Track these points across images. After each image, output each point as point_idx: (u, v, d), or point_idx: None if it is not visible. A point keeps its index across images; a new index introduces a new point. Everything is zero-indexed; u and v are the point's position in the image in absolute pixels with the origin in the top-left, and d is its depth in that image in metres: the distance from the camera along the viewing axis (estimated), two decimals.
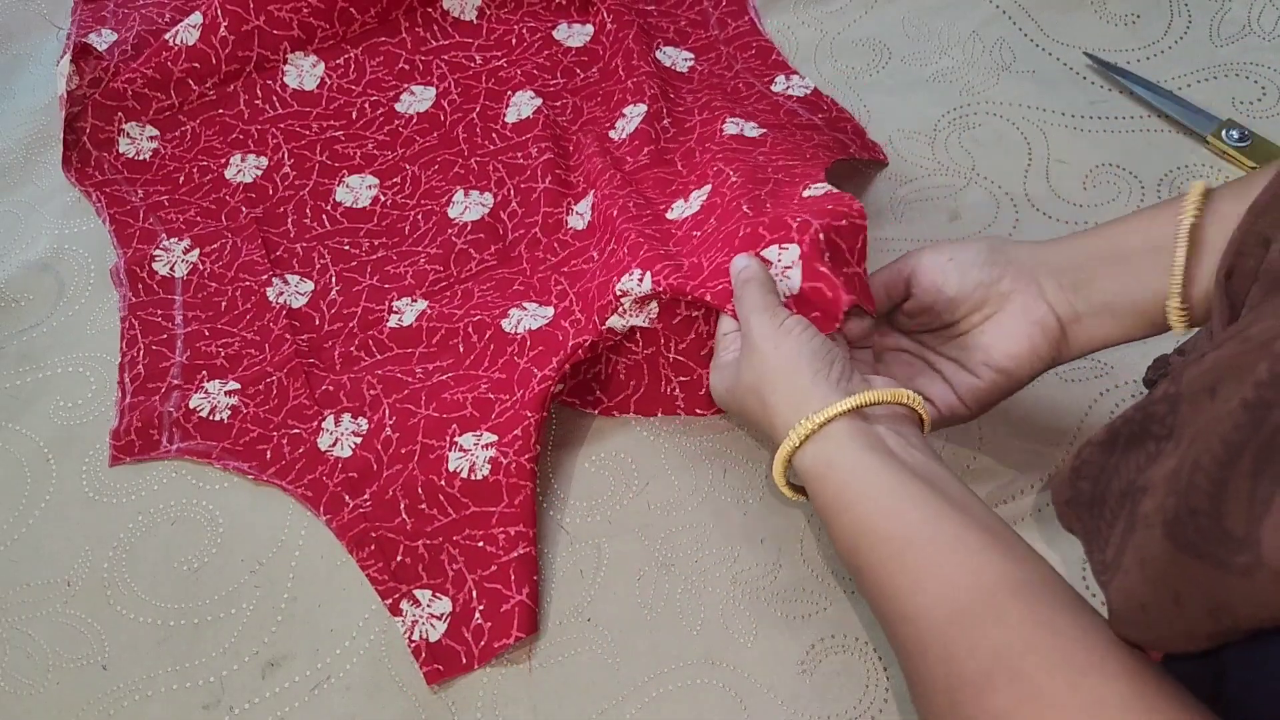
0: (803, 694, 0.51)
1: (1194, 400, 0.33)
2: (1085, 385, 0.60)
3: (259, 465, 0.59)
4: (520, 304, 0.62)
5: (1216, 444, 0.30)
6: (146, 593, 0.56)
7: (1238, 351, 0.31)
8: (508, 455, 0.56)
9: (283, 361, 0.62)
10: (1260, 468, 0.28)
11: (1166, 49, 0.74)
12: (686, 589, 0.54)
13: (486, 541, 0.55)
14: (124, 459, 0.60)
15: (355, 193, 0.71)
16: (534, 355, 0.59)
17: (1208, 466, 0.30)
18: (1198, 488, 0.31)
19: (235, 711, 0.52)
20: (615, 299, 0.57)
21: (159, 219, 0.71)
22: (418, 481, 0.57)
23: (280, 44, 0.77)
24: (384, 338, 0.63)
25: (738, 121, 0.68)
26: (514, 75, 0.76)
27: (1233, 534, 0.29)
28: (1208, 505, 0.30)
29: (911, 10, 0.79)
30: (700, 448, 0.59)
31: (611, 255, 0.61)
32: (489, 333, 0.61)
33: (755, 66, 0.76)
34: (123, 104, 0.75)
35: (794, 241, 0.52)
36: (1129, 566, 0.34)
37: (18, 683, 0.53)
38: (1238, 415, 0.30)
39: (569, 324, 0.60)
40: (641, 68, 0.73)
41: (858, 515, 0.42)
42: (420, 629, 0.53)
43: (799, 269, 0.52)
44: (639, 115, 0.70)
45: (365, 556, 0.55)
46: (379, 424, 0.60)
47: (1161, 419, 0.35)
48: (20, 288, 0.68)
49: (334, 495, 0.57)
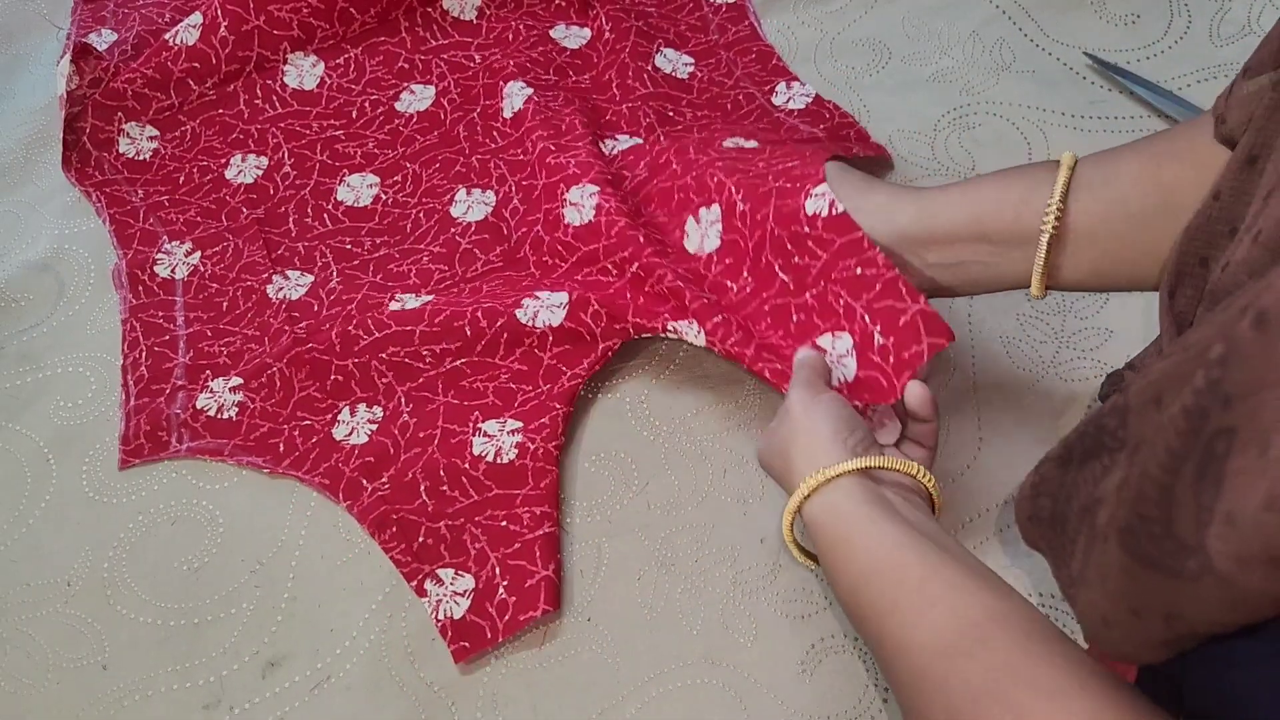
0: (803, 694, 0.51)
1: (1141, 411, 0.34)
2: (1085, 385, 0.60)
3: (273, 459, 0.59)
4: (532, 293, 0.62)
5: (1162, 452, 0.31)
6: (147, 593, 0.56)
7: (1180, 361, 0.32)
8: (535, 441, 0.57)
9: (281, 352, 0.62)
10: (1201, 475, 0.29)
11: (1166, 49, 0.74)
12: (686, 589, 0.54)
13: (510, 520, 0.55)
14: (133, 462, 0.60)
15: (356, 191, 0.71)
16: (559, 353, 0.61)
17: (1155, 475, 0.31)
18: (1147, 497, 0.31)
19: (235, 711, 0.52)
20: (663, 328, 0.59)
21: (159, 219, 0.71)
22: (439, 464, 0.57)
23: (280, 44, 0.77)
24: (384, 316, 0.63)
25: (737, 141, 0.68)
26: (507, 66, 0.76)
27: (1183, 541, 0.30)
28: (1157, 513, 0.31)
29: (911, 10, 0.79)
30: (700, 448, 0.59)
31: (640, 280, 0.61)
32: (500, 320, 0.61)
33: (755, 73, 0.76)
34: (123, 104, 0.75)
35: (845, 330, 0.54)
36: (1092, 580, 0.35)
37: (18, 683, 0.53)
38: (1179, 423, 0.30)
39: (590, 318, 0.60)
40: (637, 89, 0.73)
41: (859, 559, 0.43)
42: (445, 607, 0.53)
43: (853, 358, 0.54)
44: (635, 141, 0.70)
45: (388, 539, 0.56)
46: (395, 410, 0.60)
47: (1113, 431, 0.36)
48: (20, 288, 0.68)
49: (351, 481, 0.58)
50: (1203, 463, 0.29)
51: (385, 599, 0.55)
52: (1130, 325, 0.62)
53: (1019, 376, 0.61)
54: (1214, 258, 0.41)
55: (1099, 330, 0.62)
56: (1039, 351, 0.62)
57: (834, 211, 0.55)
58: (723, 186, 0.61)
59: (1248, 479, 0.27)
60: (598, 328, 0.60)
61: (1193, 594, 0.30)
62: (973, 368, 0.61)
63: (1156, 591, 0.31)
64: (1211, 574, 0.29)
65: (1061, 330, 0.62)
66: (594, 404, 0.61)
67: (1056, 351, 0.61)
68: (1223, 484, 0.28)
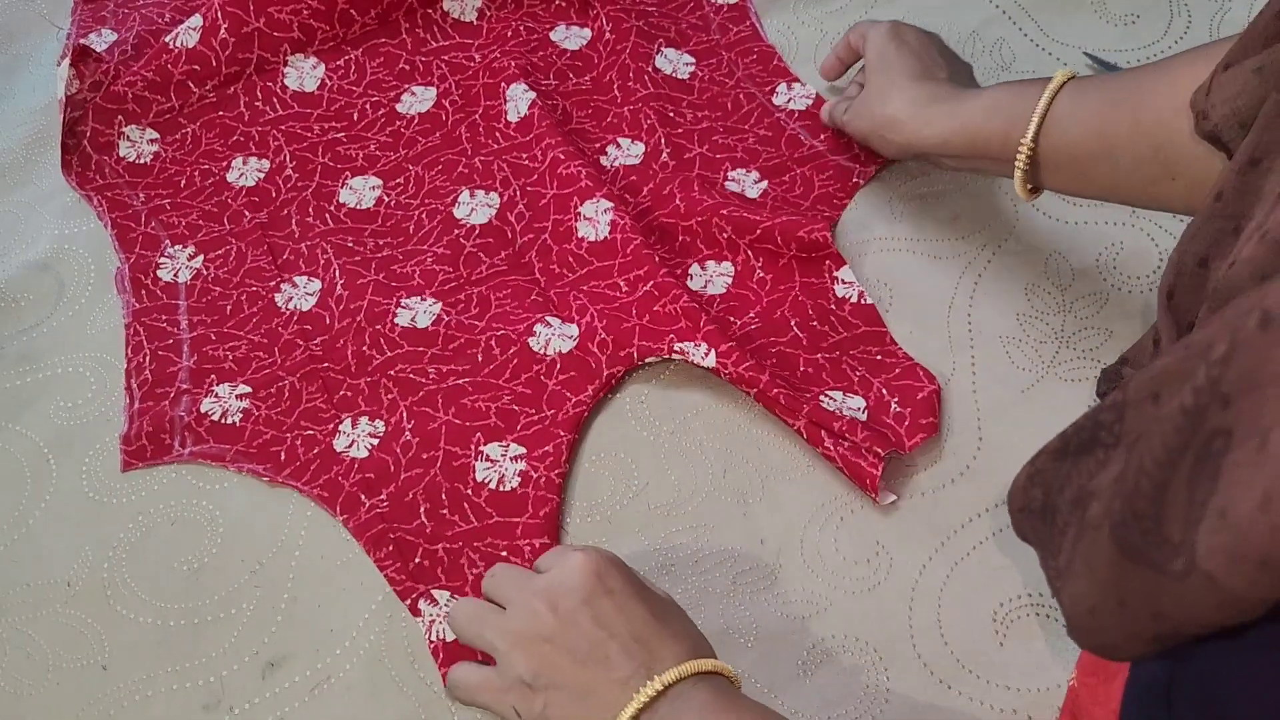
0: (803, 694, 0.51)
1: (1138, 406, 0.34)
2: (1085, 385, 0.60)
3: (274, 467, 0.59)
4: (543, 318, 0.62)
5: (1158, 448, 0.31)
6: (146, 593, 0.56)
7: (1181, 358, 0.32)
8: (538, 470, 0.57)
9: (295, 366, 0.63)
10: (1197, 472, 0.29)
11: (1166, 49, 0.74)
12: (686, 589, 0.54)
13: (511, 551, 0.55)
14: (136, 464, 0.60)
15: (359, 194, 0.71)
16: (565, 379, 0.61)
17: (1150, 470, 0.31)
18: (1141, 492, 0.31)
19: (235, 711, 0.52)
20: (669, 350, 0.60)
21: (161, 223, 0.71)
22: (441, 487, 0.57)
23: (280, 46, 0.77)
24: (395, 335, 0.63)
25: (738, 178, 0.69)
26: (507, 66, 0.76)
27: (1170, 539, 0.30)
28: (1149, 509, 0.31)
29: (911, 10, 0.79)
30: (700, 448, 0.59)
31: (651, 298, 0.62)
32: (513, 348, 0.62)
33: (756, 74, 0.76)
34: (123, 107, 0.75)
35: (858, 394, 0.59)
36: (1079, 571, 0.35)
37: (18, 683, 0.53)
38: (1177, 419, 0.30)
39: (596, 346, 0.61)
40: (638, 91, 0.73)
41: None
42: (438, 629, 0.53)
43: (864, 414, 0.58)
44: (638, 154, 0.71)
45: (383, 556, 0.55)
46: (397, 427, 0.60)
47: (1109, 426, 0.36)
48: (20, 288, 0.68)
49: (350, 495, 0.58)
50: (1199, 459, 0.29)
51: (385, 599, 0.55)
52: (1130, 325, 0.62)
53: (1019, 376, 0.61)
54: (1215, 257, 0.41)
55: (1099, 330, 0.62)
56: (1039, 351, 0.62)
57: (863, 301, 0.63)
58: (736, 246, 0.65)
59: (1244, 474, 0.27)
60: (604, 355, 0.61)
61: (1178, 592, 0.30)
62: (973, 368, 0.61)
63: (1142, 586, 0.31)
64: (1197, 573, 0.29)
65: (1061, 330, 0.62)
66: (594, 404, 0.61)
67: (1056, 351, 0.61)
68: (1218, 479, 0.28)
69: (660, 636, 0.45)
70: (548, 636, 0.45)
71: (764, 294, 0.63)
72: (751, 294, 0.63)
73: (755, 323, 0.62)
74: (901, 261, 0.66)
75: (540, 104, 0.72)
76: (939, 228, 0.67)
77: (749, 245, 0.65)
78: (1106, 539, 0.33)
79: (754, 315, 0.62)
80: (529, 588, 0.47)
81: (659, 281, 0.62)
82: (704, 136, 0.72)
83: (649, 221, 0.67)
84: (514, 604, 0.47)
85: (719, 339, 0.59)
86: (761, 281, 0.63)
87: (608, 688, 0.44)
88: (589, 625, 0.45)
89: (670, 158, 0.70)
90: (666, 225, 0.67)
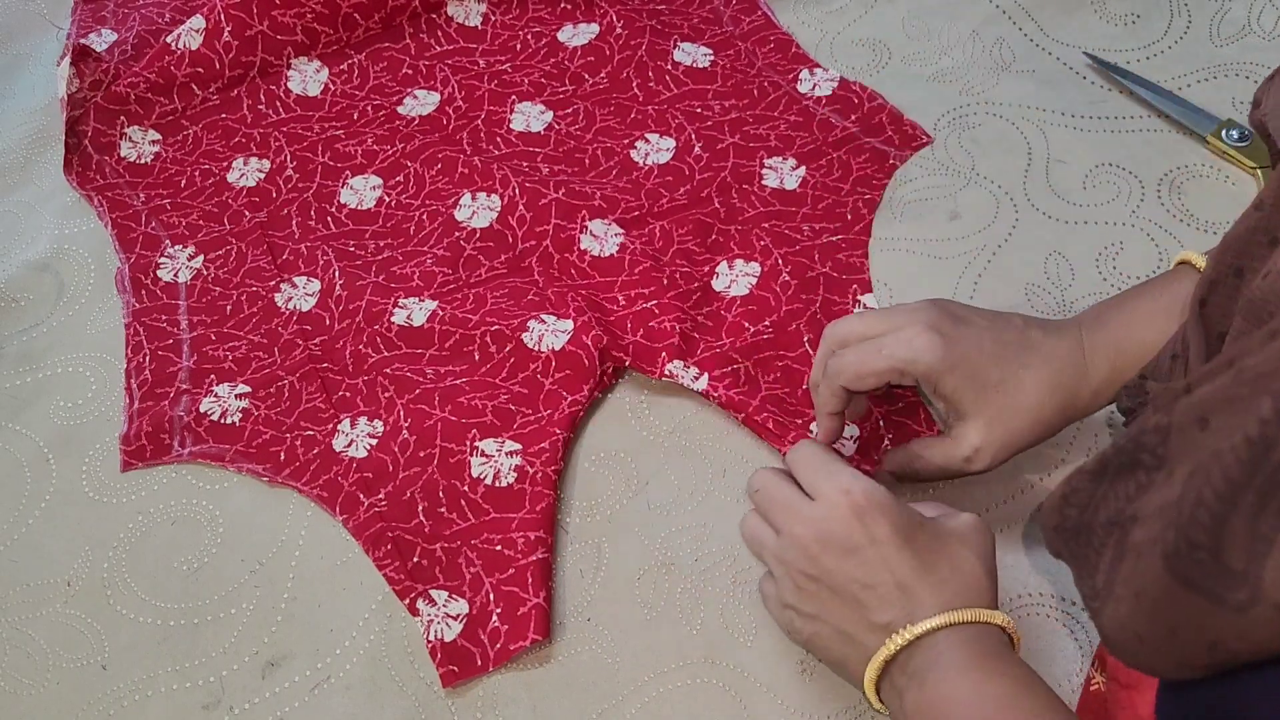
0: (803, 694, 0.51)
1: (1184, 430, 0.34)
2: None
3: (273, 467, 0.59)
4: (538, 315, 0.62)
5: (1219, 479, 0.30)
6: (146, 593, 0.56)
7: (1231, 383, 0.32)
8: (534, 465, 0.57)
9: (295, 366, 0.63)
10: (1263, 504, 0.29)
11: (1166, 49, 0.74)
12: (686, 589, 0.54)
13: (505, 545, 0.55)
14: (136, 464, 0.60)
15: (359, 194, 0.71)
16: (561, 378, 0.60)
17: (1209, 501, 0.31)
18: (1199, 522, 0.31)
19: (235, 711, 0.52)
20: (660, 371, 0.60)
21: (161, 223, 0.71)
22: (439, 485, 0.57)
23: (284, 49, 0.77)
24: (392, 335, 0.63)
25: (775, 165, 0.69)
26: (520, 82, 0.76)
27: (1232, 569, 0.29)
28: (1208, 540, 0.30)
29: (911, 10, 0.79)
30: (700, 448, 0.59)
31: (647, 314, 0.62)
32: (509, 345, 0.62)
33: (777, 62, 0.76)
34: (125, 108, 0.75)
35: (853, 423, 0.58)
36: (1122, 595, 0.35)
37: (18, 683, 0.53)
38: (1241, 451, 0.30)
39: (591, 340, 0.60)
40: (661, 93, 0.74)
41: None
42: (436, 629, 0.53)
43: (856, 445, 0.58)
44: (669, 149, 0.70)
45: (381, 555, 0.55)
46: (395, 426, 0.60)
47: (1152, 449, 0.35)
48: (20, 288, 0.68)
49: (349, 495, 0.58)
50: (1265, 493, 0.29)
51: (385, 599, 0.55)
52: None
53: None
54: (1249, 268, 0.41)
55: None
56: None
57: None
58: (769, 252, 0.65)
59: None
60: (596, 350, 0.60)
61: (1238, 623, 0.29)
62: None
63: (1197, 616, 0.31)
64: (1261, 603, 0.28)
65: None
66: (594, 404, 0.61)
67: None
68: None
69: (926, 584, 0.44)
70: (814, 576, 0.46)
71: (784, 301, 0.63)
72: (773, 298, 0.63)
73: (768, 332, 0.62)
74: (901, 261, 0.65)
75: (557, 124, 0.73)
76: (939, 228, 0.67)
77: (783, 256, 0.65)
78: (1159, 567, 0.33)
79: (769, 324, 0.62)
80: (797, 515, 0.46)
81: (662, 303, 0.62)
82: (734, 126, 0.72)
83: (683, 216, 0.67)
84: (782, 533, 0.47)
85: (715, 364, 0.60)
86: (785, 285, 0.63)
87: (867, 632, 0.44)
88: (853, 571, 0.45)
89: (703, 150, 0.70)
90: (704, 223, 0.67)
